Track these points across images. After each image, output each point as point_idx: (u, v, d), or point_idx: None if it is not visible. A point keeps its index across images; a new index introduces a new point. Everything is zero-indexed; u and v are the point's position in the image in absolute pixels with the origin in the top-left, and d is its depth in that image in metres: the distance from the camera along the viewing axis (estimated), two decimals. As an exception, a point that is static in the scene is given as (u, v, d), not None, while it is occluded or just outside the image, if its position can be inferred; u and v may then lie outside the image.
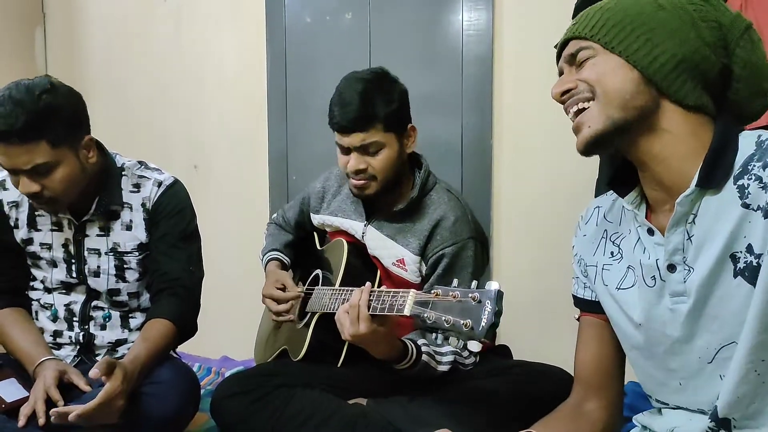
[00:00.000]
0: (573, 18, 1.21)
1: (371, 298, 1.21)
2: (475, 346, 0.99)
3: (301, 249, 1.80)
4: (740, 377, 0.84)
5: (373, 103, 1.43)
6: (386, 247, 1.52)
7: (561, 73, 0.98)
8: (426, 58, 2.27)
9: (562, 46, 0.98)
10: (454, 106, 2.25)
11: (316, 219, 1.71)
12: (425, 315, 1.06)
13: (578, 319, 1.12)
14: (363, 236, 1.57)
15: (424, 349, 1.33)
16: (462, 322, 0.99)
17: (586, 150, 0.93)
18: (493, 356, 1.58)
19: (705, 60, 0.88)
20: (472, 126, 2.25)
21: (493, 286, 1.00)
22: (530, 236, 2.23)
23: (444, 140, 2.25)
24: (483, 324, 0.98)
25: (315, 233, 1.78)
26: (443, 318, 1.02)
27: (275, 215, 1.89)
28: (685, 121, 0.89)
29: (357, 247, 1.57)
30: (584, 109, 0.92)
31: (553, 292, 2.16)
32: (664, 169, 0.90)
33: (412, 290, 1.13)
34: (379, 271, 1.53)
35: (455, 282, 1.07)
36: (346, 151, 1.47)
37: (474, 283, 1.03)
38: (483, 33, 2.21)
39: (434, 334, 1.05)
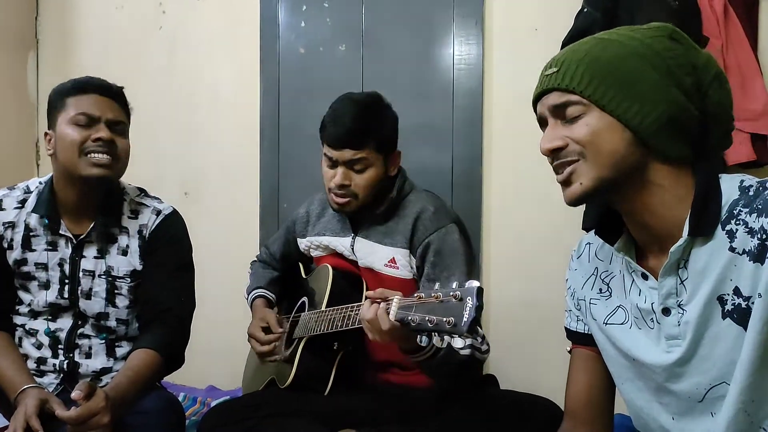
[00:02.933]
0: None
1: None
2: (459, 342, 1.00)
3: (288, 281, 1.80)
4: (730, 417, 0.85)
5: (368, 122, 1.49)
6: (375, 252, 1.54)
7: (541, 121, 0.97)
8: (418, 90, 2.30)
9: (541, 93, 0.96)
10: (445, 137, 2.28)
11: (303, 243, 1.73)
12: (409, 318, 1.07)
13: (570, 351, 1.12)
14: (353, 249, 1.58)
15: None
16: (445, 320, 1.00)
17: (574, 203, 0.94)
18: (479, 387, 1.58)
19: (687, 114, 0.89)
20: (463, 156, 2.27)
21: (474, 284, 1.01)
22: (520, 266, 2.23)
23: (435, 170, 2.27)
24: (465, 319, 0.98)
25: (300, 264, 1.78)
26: (427, 318, 1.03)
27: (258, 253, 1.90)
28: (670, 173, 0.90)
29: (342, 271, 1.58)
30: (573, 162, 0.91)
31: (543, 321, 2.17)
32: (652, 217, 0.92)
33: (396, 297, 1.14)
34: (365, 287, 1.54)
35: (437, 285, 1.08)
36: (333, 164, 1.51)
37: (455, 284, 1.04)
38: (473, 67, 2.25)
39: (419, 337, 1.05)
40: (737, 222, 0.85)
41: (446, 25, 2.27)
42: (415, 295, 1.09)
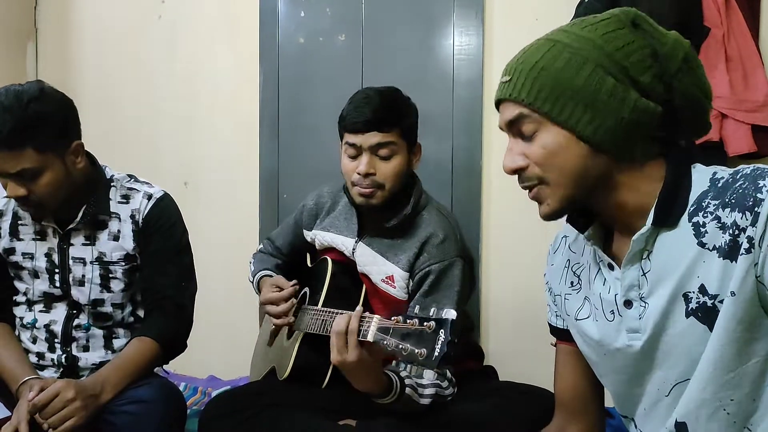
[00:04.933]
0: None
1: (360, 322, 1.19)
2: (430, 374, 0.99)
3: (292, 268, 1.79)
4: (709, 415, 0.84)
5: (394, 107, 1.47)
6: (376, 263, 1.52)
7: (501, 129, 0.95)
8: (417, 81, 2.28)
9: (498, 102, 0.94)
10: (445, 128, 2.27)
11: (309, 236, 1.71)
12: (385, 342, 1.06)
13: (555, 346, 1.13)
14: (353, 252, 1.57)
15: (407, 381, 1.30)
16: (417, 351, 0.99)
17: (548, 220, 0.94)
18: (479, 378, 1.59)
19: (647, 114, 0.85)
20: (463, 148, 2.27)
21: (449, 315, 1.00)
22: (519, 257, 2.24)
23: (434, 161, 2.26)
24: (436, 353, 0.97)
25: (308, 253, 1.78)
26: (400, 346, 1.02)
27: (261, 246, 1.87)
28: (639, 171, 0.88)
29: (342, 266, 1.57)
30: (536, 185, 0.90)
31: (541, 313, 2.16)
32: (621, 212, 0.90)
33: (376, 316, 1.12)
34: (364, 289, 1.53)
35: (417, 309, 1.07)
36: (356, 154, 1.46)
37: (433, 311, 1.02)
38: (473, 57, 2.24)
39: (395, 362, 1.05)
40: (705, 215, 0.83)
41: (446, 16, 2.26)
42: (393, 318, 1.07)
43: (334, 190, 1.69)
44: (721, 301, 0.81)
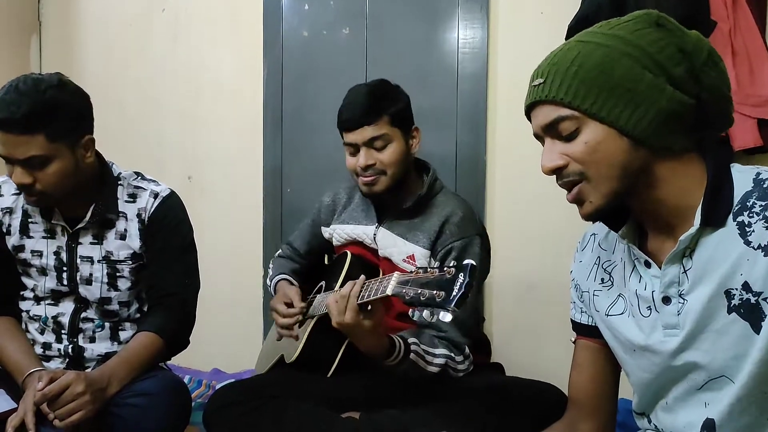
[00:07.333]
0: (567, 39, 1.18)
1: (362, 288, 1.26)
2: (447, 317, 1.01)
3: (311, 270, 1.81)
4: (741, 410, 0.86)
5: (379, 99, 1.52)
6: (397, 245, 1.56)
7: (537, 137, 0.95)
8: (422, 74, 2.28)
9: (531, 106, 0.93)
10: (449, 122, 2.27)
11: (327, 232, 1.74)
12: (404, 291, 1.10)
13: (574, 342, 1.13)
14: (375, 238, 1.60)
15: (413, 347, 1.35)
16: (435, 293, 1.02)
17: (590, 220, 0.93)
18: (486, 373, 1.59)
19: (682, 106, 0.86)
20: (467, 142, 2.27)
21: (468, 261, 1.04)
22: (523, 252, 2.24)
23: (438, 156, 2.25)
24: (454, 293, 1.01)
25: (326, 254, 1.80)
26: (419, 292, 1.06)
27: (279, 251, 1.89)
28: (677, 165, 0.89)
29: (360, 258, 1.60)
30: (577, 183, 0.90)
31: (547, 307, 2.18)
32: (661, 209, 0.91)
33: (396, 272, 1.17)
34: (381, 274, 1.55)
35: (436, 263, 1.10)
36: (354, 150, 1.53)
37: (453, 262, 1.07)
38: (478, 51, 2.23)
39: (411, 311, 1.07)
40: (751, 215, 0.84)
41: (451, 9, 2.26)
42: (413, 270, 1.12)
43: (349, 186, 1.73)
44: (765, 299, 0.82)
